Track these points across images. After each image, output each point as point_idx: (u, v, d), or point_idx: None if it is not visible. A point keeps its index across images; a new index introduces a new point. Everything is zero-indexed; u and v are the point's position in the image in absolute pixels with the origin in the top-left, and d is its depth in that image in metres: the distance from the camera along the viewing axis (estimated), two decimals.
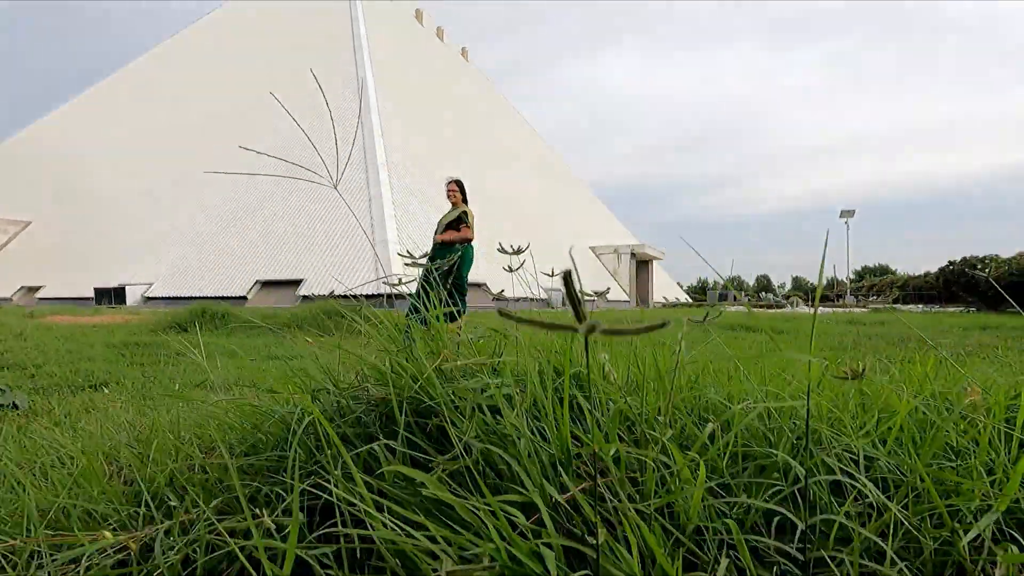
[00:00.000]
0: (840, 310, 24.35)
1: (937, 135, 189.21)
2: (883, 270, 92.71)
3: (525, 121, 49.14)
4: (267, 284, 15.27)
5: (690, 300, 51.88)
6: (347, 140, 19.13)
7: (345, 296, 7.34)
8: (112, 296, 16.78)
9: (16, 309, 11.39)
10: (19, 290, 20.21)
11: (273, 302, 14.66)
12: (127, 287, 16.64)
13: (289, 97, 22.83)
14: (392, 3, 36.56)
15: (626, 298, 31.74)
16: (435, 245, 5.17)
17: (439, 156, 22.99)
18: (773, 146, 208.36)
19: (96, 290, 17.14)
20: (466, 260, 5.25)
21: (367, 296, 7.16)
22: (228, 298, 15.18)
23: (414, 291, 5.45)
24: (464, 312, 5.14)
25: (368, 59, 23.48)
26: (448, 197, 5.30)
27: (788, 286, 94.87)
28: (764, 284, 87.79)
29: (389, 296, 7.04)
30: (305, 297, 14.16)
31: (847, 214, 27.26)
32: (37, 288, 19.66)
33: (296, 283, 14.61)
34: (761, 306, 29.64)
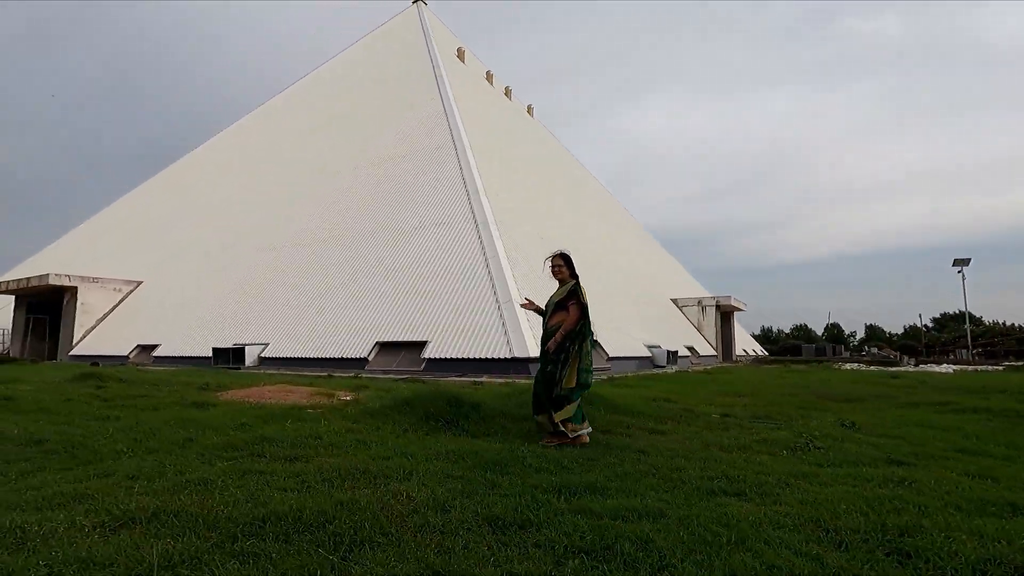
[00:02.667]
0: (966, 367, 22.35)
1: (997, 172, 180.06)
2: (964, 317, 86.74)
3: (590, 173, 49.56)
4: (387, 345, 15.15)
5: (765, 352, 49.61)
6: (452, 199, 19.41)
7: (475, 359, 6.76)
8: (231, 356, 17.04)
9: (173, 377, 11.51)
10: (135, 349, 20.93)
11: (395, 365, 14.47)
12: (246, 347, 16.89)
13: (387, 158, 23.61)
14: (465, 66, 38.11)
15: (712, 352, 30.38)
16: (544, 340, 4.47)
17: (533, 213, 23.02)
18: (823, 187, 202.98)
19: (215, 350, 17.48)
20: (585, 343, 4.47)
21: (497, 359, 6.58)
22: (349, 360, 15.13)
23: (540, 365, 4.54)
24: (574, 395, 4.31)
25: (460, 121, 24.14)
26: (554, 274, 4.57)
27: (860, 334, 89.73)
28: (835, 333, 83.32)
29: (520, 360, 6.42)
30: (430, 360, 13.90)
31: (961, 262, 25.46)
32: (153, 347, 20.30)
33: (420, 345, 14.41)
34: (870, 363, 27.66)
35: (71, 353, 22.79)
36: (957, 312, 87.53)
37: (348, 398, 7.90)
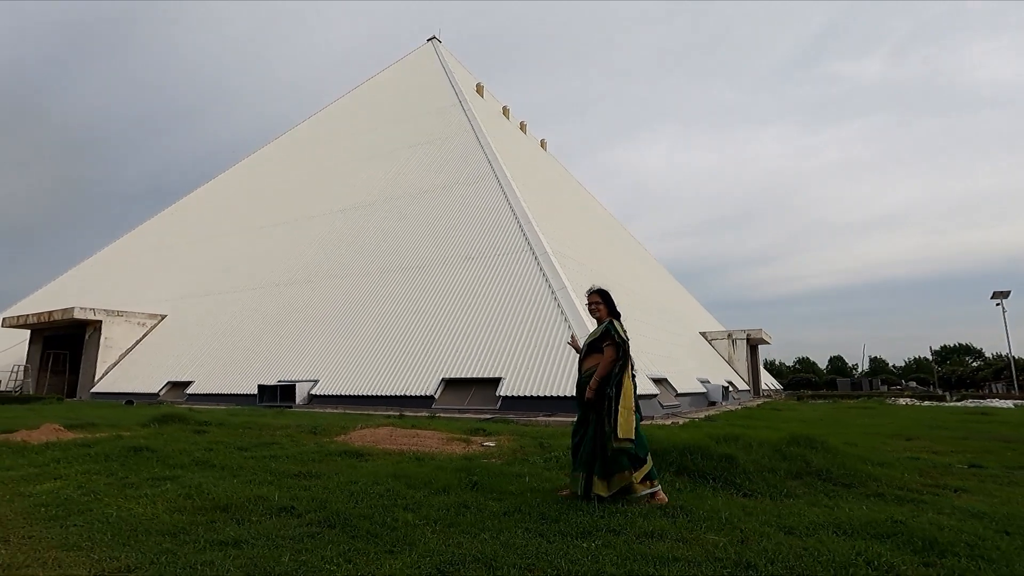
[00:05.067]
0: (1020, 401, 21.96)
1: (984, 208, 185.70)
2: (966, 349, 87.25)
3: (604, 206, 49.71)
4: (453, 382, 14.41)
5: (780, 386, 49.11)
6: (503, 230, 18.99)
7: (557, 398, 6.09)
8: (279, 394, 16.16)
9: (252, 418, 10.69)
10: (165, 386, 19.90)
11: (467, 403, 13.72)
12: (296, 384, 16.04)
13: (426, 189, 23.27)
14: (484, 101, 38.42)
15: (745, 386, 29.80)
16: (580, 387, 3.96)
17: (571, 246, 22.67)
18: (814, 222, 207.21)
19: (260, 387, 16.58)
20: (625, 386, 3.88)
21: (569, 397, 5.73)
22: (412, 397, 14.35)
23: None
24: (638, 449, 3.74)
25: (497, 152, 24.02)
26: (591, 312, 4.11)
27: (861, 367, 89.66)
28: (839, 365, 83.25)
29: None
30: (506, 398, 13.18)
31: (1000, 295, 25.41)
32: (186, 384, 19.30)
33: (492, 382, 13.69)
34: (923, 397, 27.22)
35: (93, 390, 21.65)
36: (957, 344, 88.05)
37: (492, 444, 7.20)
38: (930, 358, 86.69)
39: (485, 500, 3.66)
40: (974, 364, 73.85)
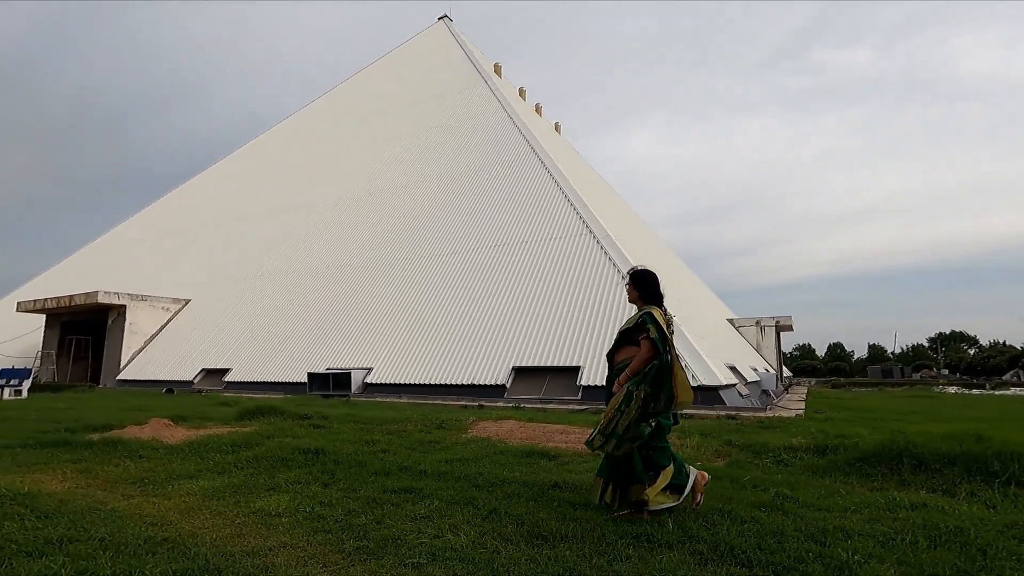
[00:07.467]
0: None
1: (969, 198, 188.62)
2: (960, 336, 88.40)
3: (616, 191, 49.06)
4: (524, 371, 13.80)
5: (791, 373, 49.17)
6: (557, 212, 18.31)
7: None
8: (331, 382, 15.45)
9: (349, 410, 9.99)
10: (200, 373, 19.07)
11: (543, 393, 13.14)
12: (352, 372, 15.33)
13: (466, 171, 22.45)
14: (502, 81, 37.40)
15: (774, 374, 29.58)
16: (610, 381, 3.50)
17: (622, 232, 22.04)
18: (801, 212, 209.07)
19: (310, 375, 15.85)
20: (662, 384, 3.25)
21: None
22: (480, 387, 13.74)
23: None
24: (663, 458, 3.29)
25: (535, 132, 23.26)
26: (630, 299, 3.64)
27: (857, 354, 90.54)
28: (838, 353, 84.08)
29: (708, 388, 5.10)
30: (587, 388, 12.62)
31: None
32: (223, 371, 18.48)
33: (571, 371, 13.11)
34: (969, 386, 27.17)
35: (118, 377, 20.72)
36: (952, 332, 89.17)
37: None
38: (926, 345, 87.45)
39: (845, 517, 3.07)
40: (971, 351, 74.91)
